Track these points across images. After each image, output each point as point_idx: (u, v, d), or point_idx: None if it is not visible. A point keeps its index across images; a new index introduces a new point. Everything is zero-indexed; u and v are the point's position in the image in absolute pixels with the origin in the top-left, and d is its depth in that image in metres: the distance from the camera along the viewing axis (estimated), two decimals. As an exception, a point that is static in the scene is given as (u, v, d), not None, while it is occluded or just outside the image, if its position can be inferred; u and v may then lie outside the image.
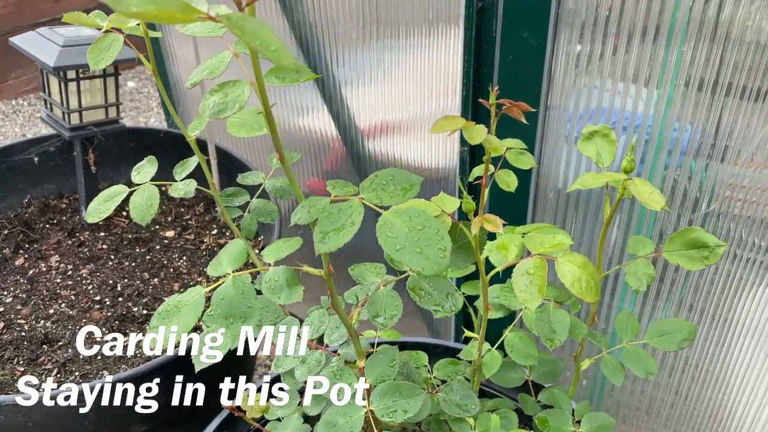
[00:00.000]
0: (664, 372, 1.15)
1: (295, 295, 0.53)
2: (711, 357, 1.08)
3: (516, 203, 1.04)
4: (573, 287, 0.54)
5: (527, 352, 0.67)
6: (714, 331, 1.05)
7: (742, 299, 0.99)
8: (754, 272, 0.95)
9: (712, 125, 0.84)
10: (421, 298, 0.58)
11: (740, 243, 0.94)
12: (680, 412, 1.18)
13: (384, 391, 0.57)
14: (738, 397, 1.09)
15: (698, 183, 0.90)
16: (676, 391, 1.17)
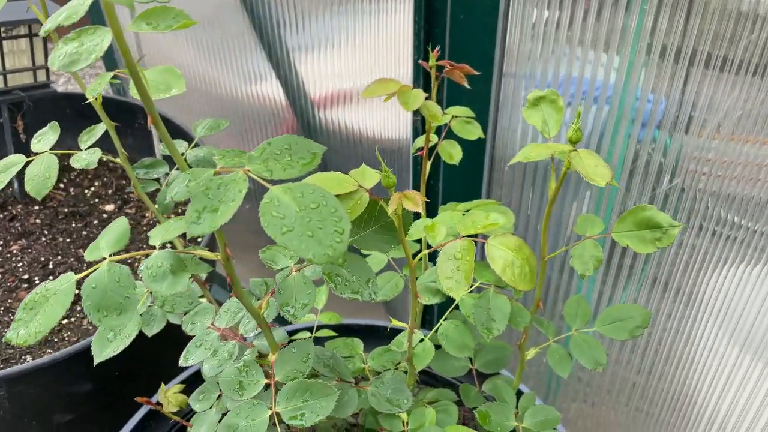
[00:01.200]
0: (626, 350, 1.11)
1: (180, 284, 0.45)
2: (675, 333, 1.04)
3: (470, 177, 0.97)
4: (504, 273, 0.47)
5: (463, 342, 0.60)
6: (678, 307, 1.00)
7: (707, 274, 0.94)
8: (719, 247, 0.90)
9: (676, 94, 0.78)
10: (337, 285, 0.51)
11: (705, 217, 0.88)
12: (644, 390, 1.14)
13: (293, 391, 0.50)
14: (703, 375, 1.05)
15: (661, 156, 0.83)
16: (639, 370, 1.13)
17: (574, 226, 0.60)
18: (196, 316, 0.65)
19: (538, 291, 0.62)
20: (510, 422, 0.65)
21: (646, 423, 1.17)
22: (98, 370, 0.96)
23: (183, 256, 0.48)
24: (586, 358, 0.64)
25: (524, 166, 0.95)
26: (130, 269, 0.46)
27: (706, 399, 1.05)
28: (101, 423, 1.00)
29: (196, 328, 0.64)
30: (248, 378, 0.53)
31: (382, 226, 0.53)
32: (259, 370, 0.53)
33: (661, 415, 1.13)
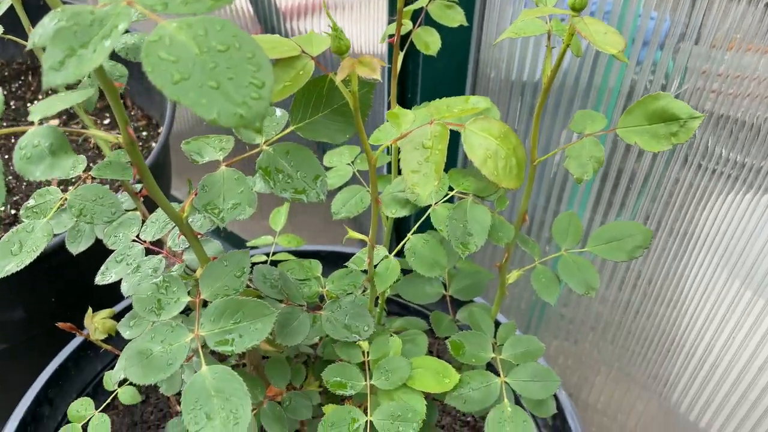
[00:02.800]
0: (614, 286, 1.03)
1: (59, 168, 0.35)
2: (667, 272, 0.96)
3: (451, 88, 0.86)
4: (485, 165, 0.37)
5: (433, 259, 0.51)
6: (672, 244, 0.92)
7: (705, 211, 0.85)
8: (719, 182, 0.81)
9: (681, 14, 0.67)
10: (276, 183, 0.41)
11: (705, 154, 0.79)
12: (629, 327, 1.07)
13: (220, 311, 0.41)
14: (695, 315, 0.98)
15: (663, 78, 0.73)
16: (626, 308, 1.06)
17: (571, 123, 0.50)
18: (120, 228, 0.55)
19: (524, 202, 0.53)
20: (486, 353, 0.56)
21: (632, 361, 1.11)
22: (30, 295, 0.86)
23: (64, 138, 0.36)
24: (576, 281, 0.55)
25: (512, 78, 0.84)
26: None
27: (699, 338, 0.99)
28: (39, 355, 0.91)
29: (118, 241, 0.54)
30: (168, 295, 0.43)
31: (335, 110, 0.42)
32: (182, 286, 0.43)
33: (648, 353, 1.07)
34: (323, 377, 0.53)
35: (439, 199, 0.52)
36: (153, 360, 0.40)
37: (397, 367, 0.53)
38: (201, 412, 0.38)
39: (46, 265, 0.81)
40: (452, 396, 0.54)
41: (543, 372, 0.54)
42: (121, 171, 0.59)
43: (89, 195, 0.56)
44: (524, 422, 0.51)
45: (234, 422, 0.38)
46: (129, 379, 0.40)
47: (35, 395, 0.71)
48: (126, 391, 0.64)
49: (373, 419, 0.51)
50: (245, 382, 0.38)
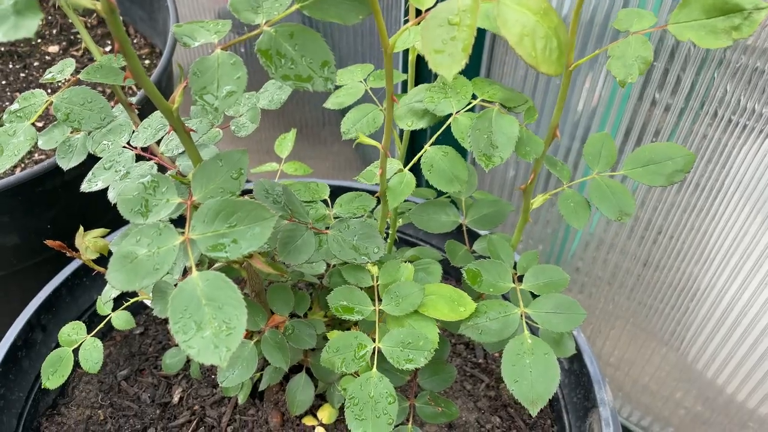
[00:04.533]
0: (633, 241, 0.99)
1: (25, 27, 0.30)
2: (691, 227, 0.91)
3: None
4: (521, 45, 0.32)
5: (453, 173, 0.46)
6: (697, 200, 0.87)
7: (733, 167, 0.80)
8: (750, 138, 0.76)
9: None
10: (278, 68, 0.36)
11: (737, 109, 0.74)
12: (647, 282, 1.03)
13: (214, 212, 0.36)
14: (718, 272, 0.93)
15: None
16: (645, 262, 1.01)
17: (614, 21, 0.44)
18: (109, 134, 0.50)
19: (556, 115, 0.47)
20: (506, 283, 0.52)
21: (648, 315, 1.07)
22: (24, 221, 0.82)
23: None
24: (609, 206, 0.50)
25: None
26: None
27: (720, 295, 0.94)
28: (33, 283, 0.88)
29: (107, 147, 0.49)
30: (156, 196, 0.39)
31: (347, -14, 0.36)
32: (172, 186, 0.39)
33: (665, 309, 1.03)
34: (328, 300, 0.49)
35: (461, 108, 0.47)
36: (138, 264, 0.36)
37: (409, 292, 0.49)
38: (190, 321, 0.34)
39: (40, 189, 0.77)
40: (467, 326, 0.49)
41: (567, 303, 0.50)
42: (113, 75, 0.54)
43: (77, 99, 0.51)
44: (546, 355, 0.47)
45: (227, 333, 0.34)
46: (112, 286, 0.36)
47: (27, 320, 0.68)
48: (120, 316, 0.61)
49: (382, 346, 0.47)
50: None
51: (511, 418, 0.72)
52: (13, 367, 0.66)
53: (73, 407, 0.71)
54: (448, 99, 0.48)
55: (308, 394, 0.61)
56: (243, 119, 0.58)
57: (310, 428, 0.67)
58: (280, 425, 0.67)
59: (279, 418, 0.68)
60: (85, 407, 0.70)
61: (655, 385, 1.09)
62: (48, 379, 0.58)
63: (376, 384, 0.45)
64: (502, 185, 1.01)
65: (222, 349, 0.33)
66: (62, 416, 0.70)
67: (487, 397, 0.73)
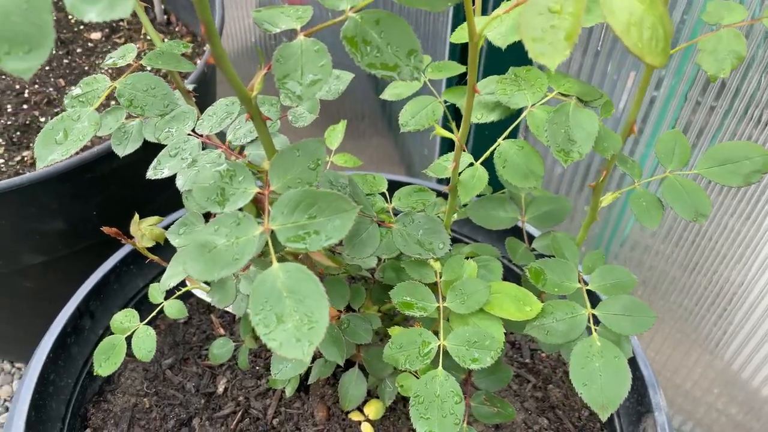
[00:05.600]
0: (671, 242, 0.97)
1: (120, 6, 0.29)
2: (731, 230, 0.89)
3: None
4: (628, 34, 0.31)
5: (528, 168, 0.45)
6: (738, 204, 0.85)
7: None
8: None
9: None
10: (364, 55, 0.35)
11: None
12: (684, 285, 1.01)
13: (294, 203, 0.35)
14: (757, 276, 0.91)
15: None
16: (682, 264, 0.99)
17: (703, 14, 0.42)
18: (173, 121, 0.49)
19: (634, 109, 0.46)
20: (572, 283, 0.50)
21: (682, 317, 1.05)
22: (71, 207, 0.82)
23: None
24: (683, 206, 0.48)
25: None
26: None
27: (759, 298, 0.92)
28: (79, 269, 0.88)
29: (172, 135, 0.48)
30: (233, 185, 0.38)
31: (435, -28, 0.35)
32: (249, 174, 0.38)
33: (701, 311, 1.01)
34: (392, 295, 0.48)
35: (537, 101, 0.46)
36: (217, 254, 0.35)
37: (475, 290, 0.48)
38: (271, 314, 0.33)
39: (89, 175, 0.77)
40: (533, 326, 0.48)
41: (636, 305, 0.48)
42: (175, 61, 0.53)
43: (140, 85, 0.51)
44: (616, 358, 0.46)
45: (309, 326, 0.33)
46: (190, 275, 0.35)
47: (76, 306, 0.68)
48: (173, 305, 0.61)
49: (447, 344, 0.46)
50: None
51: (559, 419, 0.70)
52: (63, 354, 0.66)
53: (119, 394, 0.71)
54: (522, 91, 0.46)
55: (361, 390, 0.60)
56: (301, 109, 0.57)
57: (356, 423, 0.66)
58: (326, 419, 0.67)
59: (325, 412, 0.67)
60: (130, 395, 0.70)
61: (699, 392, 1.06)
62: (100, 366, 0.58)
63: (443, 383, 0.44)
64: (548, 181, 1.00)
65: (305, 343, 0.33)
66: (108, 403, 0.70)
67: (534, 398, 0.72)
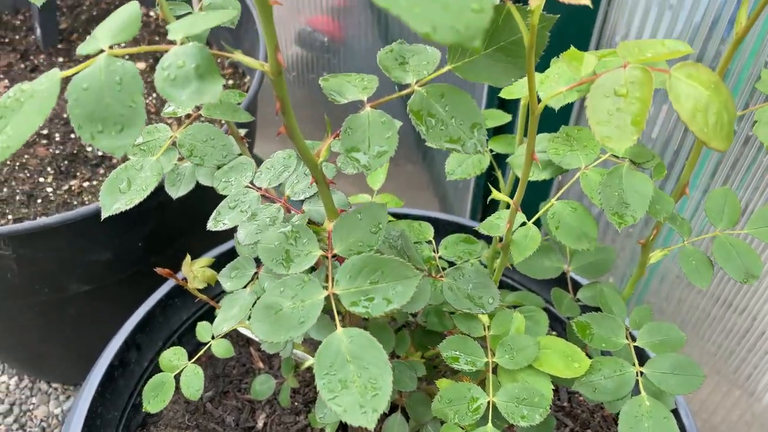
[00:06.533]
0: (712, 280, 0.96)
1: (209, 93, 0.30)
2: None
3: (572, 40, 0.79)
4: (693, 121, 0.31)
5: (582, 230, 0.45)
6: None
7: None
8: None
9: None
10: (430, 129, 0.36)
11: None
12: (724, 325, 1.00)
13: (358, 268, 0.36)
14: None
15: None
16: (723, 303, 0.98)
17: (757, 82, 0.43)
18: (231, 172, 0.51)
19: (686, 171, 0.46)
20: (619, 339, 0.51)
21: (722, 357, 1.03)
22: (119, 239, 0.85)
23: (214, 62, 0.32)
24: (734, 267, 0.49)
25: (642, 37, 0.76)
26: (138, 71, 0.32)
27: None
28: (123, 297, 0.90)
29: (230, 186, 0.50)
30: (298, 246, 0.39)
31: (501, 48, 0.36)
32: (313, 237, 0.39)
33: (737, 349, 1.00)
34: (441, 349, 0.49)
35: (590, 162, 0.47)
36: (283, 316, 0.36)
37: (524, 346, 0.48)
38: (335, 379, 0.34)
39: (136, 209, 0.79)
40: (581, 382, 0.48)
41: (685, 364, 0.48)
42: (231, 112, 0.55)
43: (200, 135, 0.53)
44: (665, 419, 0.46)
45: (373, 393, 0.34)
46: (256, 335, 0.36)
47: (123, 340, 0.69)
48: (220, 344, 0.62)
49: (496, 400, 0.46)
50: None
51: (597, 466, 0.70)
52: (110, 387, 0.68)
53: (161, 427, 0.72)
54: (575, 152, 0.47)
55: (403, 435, 0.61)
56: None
57: (395, 465, 0.67)
58: (365, 459, 0.67)
59: (364, 452, 0.68)
60: (173, 427, 0.72)
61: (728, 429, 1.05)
62: (149, 402, 0.59)
63: (492, 439, 0.45)
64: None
65: (368, 410, 0.33)
66: (151, 435, 0.71)
67: (572, 443, 0.72)
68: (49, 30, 1.17)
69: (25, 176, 0.94)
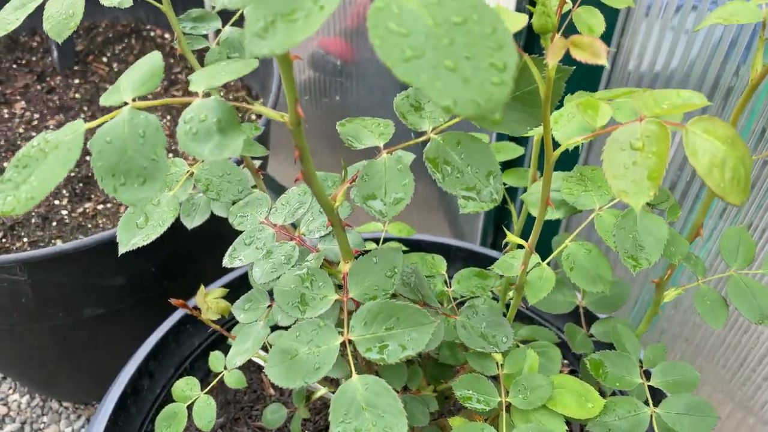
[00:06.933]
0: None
1: (230, 147, 0.31)
2: None
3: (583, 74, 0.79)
4: (710, 176, 0.31)
5: (596, 273, 0.45)
6: None
7: None
8: None
9: None
10: (446, 177, 0.36)
11: None
12: (729, 343, 0.99)
13: (373, 314, 0.37)
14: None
15: None
16: (734, 325, 0.97)
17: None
18: (247, 207, 0.51)
19: (701, 213, 0.46)
20: (633, 378, 0.50)
21: (735, 382, 1.02)
22: (133, 264, 0.86)
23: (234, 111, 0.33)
24: (749, 307, 0.48)
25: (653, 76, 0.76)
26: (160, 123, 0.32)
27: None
28: (135, 321, 0.91)
29: (246, 222, 0.50)
30: (313, 290, 0.39)
31: (517, 98, 0.37)
32: (329, 281, 0.39)
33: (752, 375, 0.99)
34: (454, 388, 0.49)
35: (604, 204, 0.47)
36: (298, 362, 0.36)
37: (538, 385, 0.48)
38: (351, 428, 0.34)
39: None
40: (595, 422, 0.48)
41: (699, 405, 0.48)
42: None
43: (216, 170, 0.53)
44: (680, 462, 0.46)
45: (388, 443, 0.34)
46: (272, 380, 0.36)
47: (137, 367, 0.70)
48: (232, 375, 0.62)
49: (510, 440, 0.46)
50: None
51: (609, 500, 0.69)
52: (122, 414, 0.68)
53: (173, 454, 0.72)
54: (589, 192, 0.47)
55: (414, 469, 0.60)
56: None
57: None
58: (375, 490, 0.67)
59: (374, 482, 0.67)
60: (184, 455, 0.72)
61: (748, 463, 1.03)
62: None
63: (505, 481, 0.45)
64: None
65: (384, 460, 0.34)
66: (162, 462, 0.71)
67: (584, 475, 0.71)
68: (65, 52, 1.18)
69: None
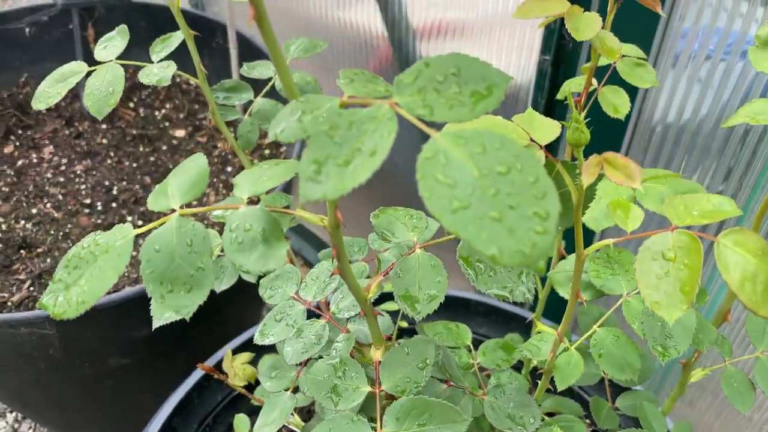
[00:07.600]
0: (740, 349, 0.94)
1: (274, 258, 0.32)
2: None
3: (606, 137, 0.80)
4: (742, 290, 0.32)
5: (625, 359, 0.46)
6: None
7: None
8: None
9: None
10: (479, 275, 0.37)
11: None
12: (759, 402, 0.97)
13: (407, 410, 0.37)
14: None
15: None
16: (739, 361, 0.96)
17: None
18: (277, 281, 0.52)
19: (728, 299, 0.47)
20: (660, 459, 0.50)
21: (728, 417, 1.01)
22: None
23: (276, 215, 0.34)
24: (777, 393, 0.48)
25: (677, 133, 0.77)
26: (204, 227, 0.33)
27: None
28: (159, 369, 0.92)
29: (276, 296, 0.51)
30: (345, 381, 0.40)
31: (549, 200, 0.37)
32: (361, 372, 0.40)
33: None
34: (481, 468, 0.49)
35: (632, 290, 0.47)
36: (331, 457, 0.37)
37: (564, 466, 0.48)
38: None
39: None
40: (622, 505, 0.48)
41: (728, 491, 0.48)
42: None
43: (247, 243, 0.55)
44: None
45: None
46: (304, 474, 0.37)
47: (162, 424, 0.71)
48: (257, 439, 0.63)
49: None
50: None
51: None
52: (147, 471, 0.69)
53: None
54: (616, 276, 0.48)
55: None
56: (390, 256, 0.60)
57: None
58: None
59: None
60: None
61: None
62: (186, 497, 0.60)
63: None
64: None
65: None
66: None
67: None
68: (94, 97, 1.21)
69: (68, 246, 0.97)
